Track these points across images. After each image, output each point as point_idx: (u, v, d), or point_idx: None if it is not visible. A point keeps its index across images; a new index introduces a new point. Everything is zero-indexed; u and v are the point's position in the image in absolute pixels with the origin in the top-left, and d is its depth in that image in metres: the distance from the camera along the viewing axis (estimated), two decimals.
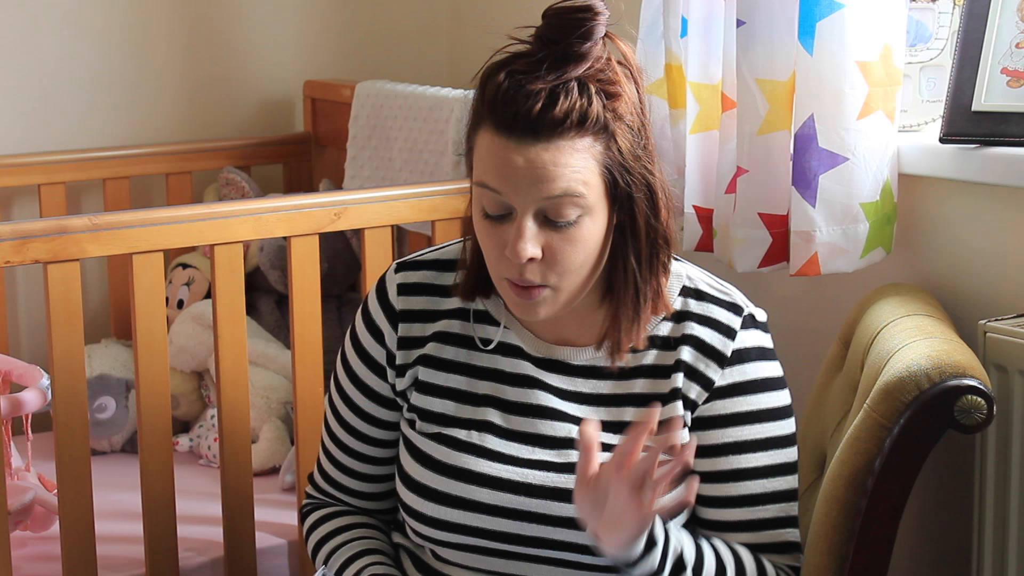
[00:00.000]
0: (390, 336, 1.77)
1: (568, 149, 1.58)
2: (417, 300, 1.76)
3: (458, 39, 3.29)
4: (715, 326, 1.70)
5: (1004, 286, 2.02)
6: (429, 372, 1.74)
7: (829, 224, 2.08)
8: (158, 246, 2.17)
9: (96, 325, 3.00)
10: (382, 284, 1.79)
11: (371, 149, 2.91)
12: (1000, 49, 2.04)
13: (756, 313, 1.73)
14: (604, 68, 1.61)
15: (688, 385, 1.68)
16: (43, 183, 2.91)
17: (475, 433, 1.71)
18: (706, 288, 1.72)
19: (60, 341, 2.12)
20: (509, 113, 1.58)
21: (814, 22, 2.04)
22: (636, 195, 1.62)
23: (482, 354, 1.73)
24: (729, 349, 1.69)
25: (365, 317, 1.79)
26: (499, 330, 1.74)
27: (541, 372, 1.72)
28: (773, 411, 1.71)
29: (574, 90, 1.58)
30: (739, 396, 1.69)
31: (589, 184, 1.59)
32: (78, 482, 2.15)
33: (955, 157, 2.04)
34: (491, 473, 1.68)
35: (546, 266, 1.61)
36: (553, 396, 1.70)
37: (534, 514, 1.66)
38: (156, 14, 3.07)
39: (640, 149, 1.63)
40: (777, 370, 1.73)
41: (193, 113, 3.13)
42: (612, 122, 1.60)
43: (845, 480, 1.68)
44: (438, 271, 1.77)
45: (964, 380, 1.65)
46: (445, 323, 1.75)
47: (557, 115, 1.56)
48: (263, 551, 2.37)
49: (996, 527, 1.85)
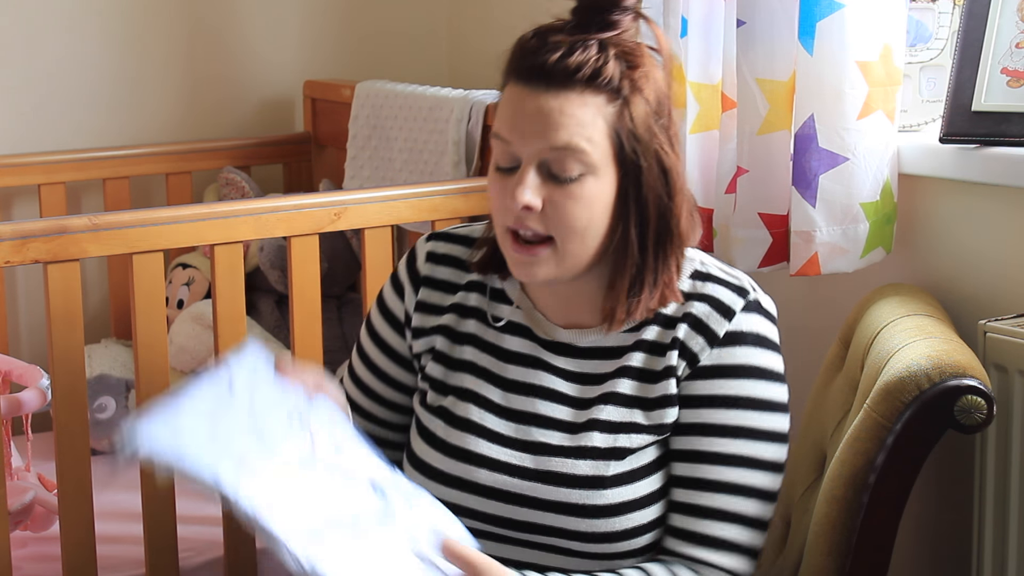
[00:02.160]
0: (410, 297, 1.79)
1: (577, 102, 1.59)
2: (442, 270, 1.79)
3: (458, 39, 3.29)
4: (715, 305, 1.67)
5: (1004, 286, 2.02)
6: (446, 343, 1.76)
7: (829, 224, 2.08)
8: (158, 246, 2.17)
9: (96, 325, 3.01)
10: (413, 250, 1.82)
11: (371, 149, 2.91)
12: (1000, 49, 2.04)
13: (763, 300, 1.69)
14: (630, 41, 1.63)
15: (679, 363, 1.67)
16: (43, 183, 2.91)
17: (475, 410, 1.71)
18: (716, 271, 1.71)
19: (60, 341, 2.12)
20: (527, 62, 1.62)
21: (814, 22, 2.04)
22: (644, 165, 1.62)
23: (490, 330, 1.75)
24: (723, 329, 1.65)
25: (392, 278, 1.83)
26: (511, 309, 1.75)
27: (547, 354, 1.72)
28: (758, 401, 1.65)
29: (593, 47, 1.60)
30: (722, 379, 1.65)
31: (594, 142, 1.60)
32: (78, 482, 2.15)
33: (955, 157, 2.04)
34: (488, 454, 1.69)
35: (547, 218, 1.62)
36: (557, 378, 1.71)
37: (527, 497, 1.67)
38: (156, 14, 3.07)
39: (658, 127, 1.63)
40: (773, 361, 1.67)
41: (193, 113, 3.13)
42: (628, 89, 1.60)
43: (845, 480, 1.68)
44: (467, 247, 1.79)
45: (964, 380, 1.65)
46: (462, 295, 1.77)
47: (570, 64, 1.59)
48: (263, 551, 2.37)
49: (996, 527, 1.85)
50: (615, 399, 1.67)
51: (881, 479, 1.65)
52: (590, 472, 1.65)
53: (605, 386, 1.68)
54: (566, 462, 1.66)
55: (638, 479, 1.66)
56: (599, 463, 1.65)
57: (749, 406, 1.65)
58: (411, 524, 1.54)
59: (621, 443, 1.65)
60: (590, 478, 1.65)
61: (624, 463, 1.65)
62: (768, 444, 1.66)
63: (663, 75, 1.65)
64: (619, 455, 1.65)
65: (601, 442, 1.66)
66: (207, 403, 1.53)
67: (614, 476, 1.65)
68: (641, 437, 1.66)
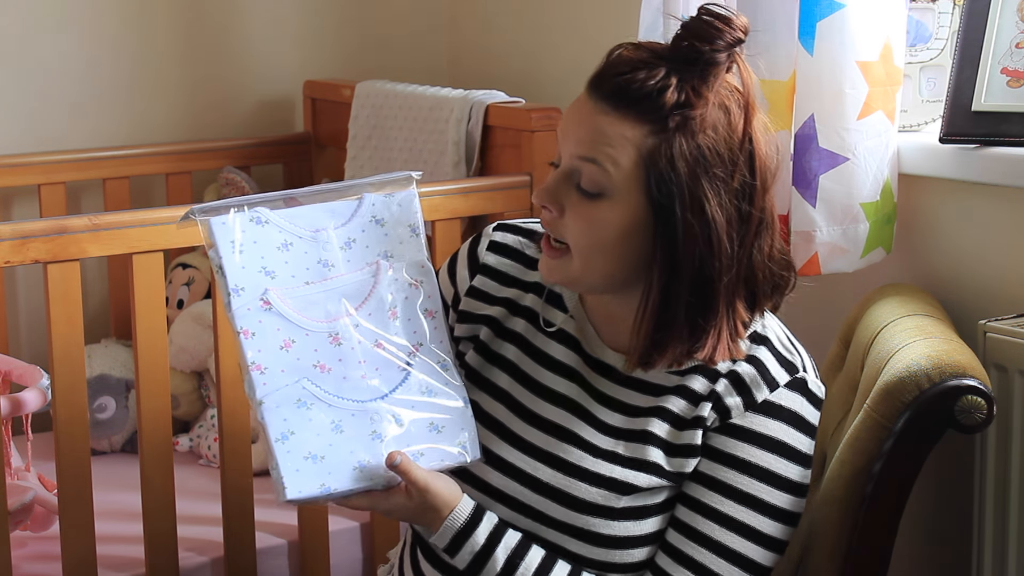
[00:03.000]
0: (463, 280, 1.78)
1: (616, 122, 1.56)
2: (503, 262, 1.77)
3: (458, 39, 3.29)
4: (761, 371, 1.62)
5: (1004, 286, 2.02)
6: (490, 335, 1.74)
7: (829, 224, 2.08)
8: (158, 246, 2.17)
9: (96, 325, 3.01)
10: (478, 235, 1.80)
11: (371, 149, 2.91)
12: (1000, 49, 2.04)
13: (811, 382, 1.65)
14: (707, 77, 1.56)
15: (711, 414, 1.63)
16: (43, 183, 2.91)
17: (504, 410, 1.70)
18: (774, 339, 1.65)
19: (60, 341, 2.12)
20: (599, 68, 1.59)
21: (814, 22, 2.04)
22: (677, 212, 1.54)
23: (539, 334, 1.72)
24: (762, 397, 1.61)
25: (451, 258, 1.81)
26: (565, 317, 1.72)
27: (589, 371, 1.69)
28: (775, 475, 1.61)
29: (659, 74, 1.55)
30: (747, 443, 1.61)
31: (618, 166, 1.56)
32: (78, 482, 2.15)
33: (955, 157, 2.04)
34: (507, 457, 1.68)
35: (563, 226, 1.60)
36: (592, 398, 1.68)
37: (533, 510, 1.66)
38: (156, 14, 3.07)
39: (708, 177, 1.55)
40: (803, 443, 1.63)
41: (193, 113, 3.13)
42: (675, 127, 1.54)
43: (845, 480, 1.68)
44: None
45: (964, 380, 1.65)
46: (517, 293, 1.75)
47: (625, 83, 1.55)
48: (263, 551, 2.37)
49: (996, 527, 1.85)
50: (645, 437, 1.64)
51: (881, 479, 1.65)
52: (600, 501, 1.63)
53: (637, 421, 1.65)
54: (580, 486, 1.64)
55: (646, 516, 1.64)
56: (611, 495, 1.63)
57: (765, 478, 1.62)
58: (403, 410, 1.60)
59: (639, 481, 1.63)
60: (600, 507, 1.63)
61: (635, 499, 1.63)
62: (772, 520, 1.62)
63: (738, 124, 1.57)
64: (632, 491, 1.63)
65: (619, 475, 1.63)
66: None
67: (623, 509, 1.63)
68: (659, 480, 1.63)
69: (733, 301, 1.60)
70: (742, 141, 1.57)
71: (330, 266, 1.62)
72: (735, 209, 1.57)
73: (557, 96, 2.85)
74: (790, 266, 1.66)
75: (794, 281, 1.66)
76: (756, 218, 1.59)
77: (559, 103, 2.65)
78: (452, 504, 1.61)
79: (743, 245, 1.58)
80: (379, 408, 1.59)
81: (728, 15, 1.58)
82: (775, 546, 1.63)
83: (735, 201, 1.57)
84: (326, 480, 1.56)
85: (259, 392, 1.57)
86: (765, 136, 1.60)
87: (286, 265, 1.59)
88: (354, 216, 1.65)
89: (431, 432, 1.61)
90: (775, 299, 1.65)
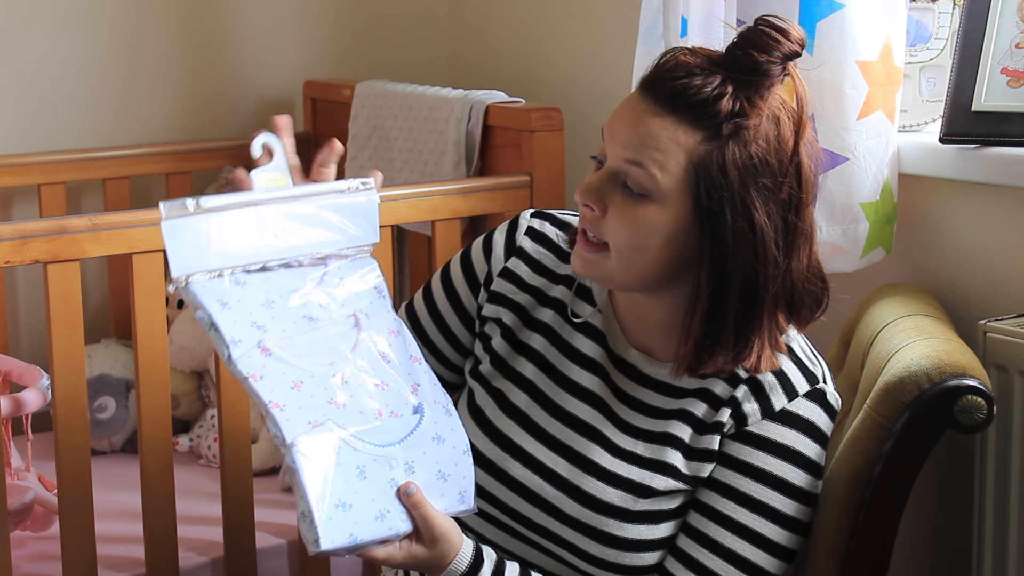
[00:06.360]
0: (497, 260, 1.77)
1: (669, 127, 1.55)
2: (539, 250, 1.76)
3: (458, 39, 3.29)
4: (781, 380, 1.64)
5: (1004, 286, 2.02)
6: (516, 321, 1.74)
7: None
8: (158, 246, 2.16)
9: (96, 325, 3.00)
10: (515, 219, 1.79)
11: (371, 149, 2.91)
12: (1000, 49, 2.04)
13: (829, 394, 1.67)
14: (761, 88, 1.57)
15: (729, 420, 1.64)
16: (43, 183, 2.91)
17: (528, 400, 1.70)
18: (797, 349, 1.67)
19: (60, 341, 2.12)
20: (652, 71, 1.59)
21: (814, 22, 2.04)
22: (727, 219, 1.55)
23: (567, 326, 1.72)
24: (780, 405, 1.63)
25: (485, 237, 1.80)
26: (593, 311, 1.72)
27: (612, 368, 1.70)
28: (788, 484, 1.63)
29: (715, 81, 1.55)
30: (761, 451, 1.63)
31: (667, 171, 1.55)
32: (78, 482, 2.15)
33: (955, 157, 2.04)
34: (528, 448, 1.68)
35: (605, 225, 1.59)
36: (614, 395, 1.69)
37: (548, 504, 1.66)
38: (156, 14, 3.07)
39: (757, 186, 1.56)
40: (815, 452, 1.65)
41: (193, 113, 3.13)
42: (728, 135, 1.54)
43: (845, 480, 1.68)
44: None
45: (964, 380, 1.65)
46: (546, 283, 1.75)
47: (680, 88, 1.55)
48: (263, 551, 2.37)
49: (996, 527, 1.85)
50: (666, 439, 1.65)
51: (881, 479, 1.65)
52: (617, 503, 1.64)
53: (659, 423, 1.66)
54: (597, 485, 1.64)
55: (660, 521, 1.65)
56: (628, 497, 1.64)
57: (777, 486, 1.63)
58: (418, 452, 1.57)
59: (656, 483, 1.64)
60: (616, 508, 1.64)
61: (652, 502, 1.64)
62: (782, 529, 1.64)
63: (788, 137, 1.58)
64: (649, 494, 1.64)
65: (636, 476, 1.64)
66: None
67: (639, 512, 1.64)
68: (676, 483, 1.64)
69: (775, 311, 1.61)
70: (792, 154, 1.58)
71: (315, 319, 1.60)
72: (781, 220, 1.58)
73: (557, 96, 2.85)
74: (824, 280, 1.67)
75: (827, 300, 1.66)
76: (801, 230, 1.60)
77: (559, 103, 2.65)
78: (456, 548, 1.60)
79: (788, 256, 1.60)
80: (395, 454, 1.56)
81: (786, 27, 1.58)
82: (784, 554, 1.64)
83: (782, 212, 1.58)
84: (353, 530, 1.52)
85: (287, 432, 1.50)
86: (810, 149, 1.61)
87: (274, 320, 1.56)
88: (324, 278, 1.62)
89: (438, 481, 1.59)
90: (811, 314, 1.65)
